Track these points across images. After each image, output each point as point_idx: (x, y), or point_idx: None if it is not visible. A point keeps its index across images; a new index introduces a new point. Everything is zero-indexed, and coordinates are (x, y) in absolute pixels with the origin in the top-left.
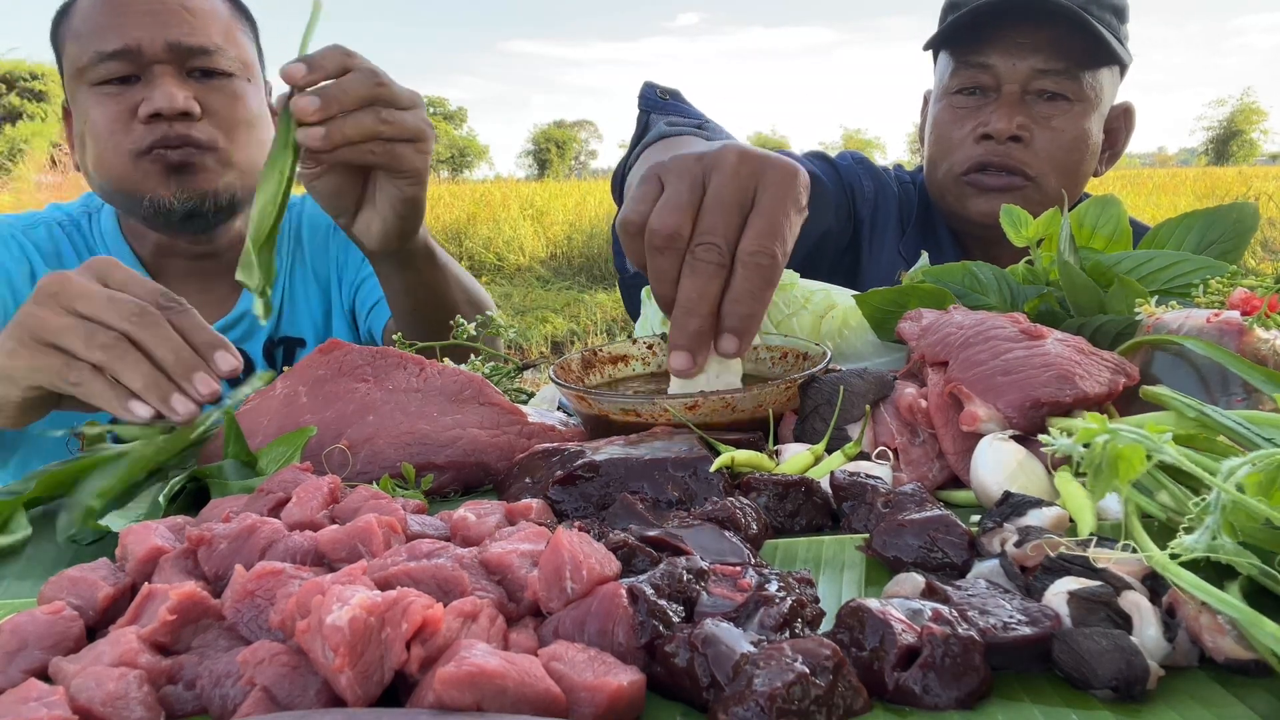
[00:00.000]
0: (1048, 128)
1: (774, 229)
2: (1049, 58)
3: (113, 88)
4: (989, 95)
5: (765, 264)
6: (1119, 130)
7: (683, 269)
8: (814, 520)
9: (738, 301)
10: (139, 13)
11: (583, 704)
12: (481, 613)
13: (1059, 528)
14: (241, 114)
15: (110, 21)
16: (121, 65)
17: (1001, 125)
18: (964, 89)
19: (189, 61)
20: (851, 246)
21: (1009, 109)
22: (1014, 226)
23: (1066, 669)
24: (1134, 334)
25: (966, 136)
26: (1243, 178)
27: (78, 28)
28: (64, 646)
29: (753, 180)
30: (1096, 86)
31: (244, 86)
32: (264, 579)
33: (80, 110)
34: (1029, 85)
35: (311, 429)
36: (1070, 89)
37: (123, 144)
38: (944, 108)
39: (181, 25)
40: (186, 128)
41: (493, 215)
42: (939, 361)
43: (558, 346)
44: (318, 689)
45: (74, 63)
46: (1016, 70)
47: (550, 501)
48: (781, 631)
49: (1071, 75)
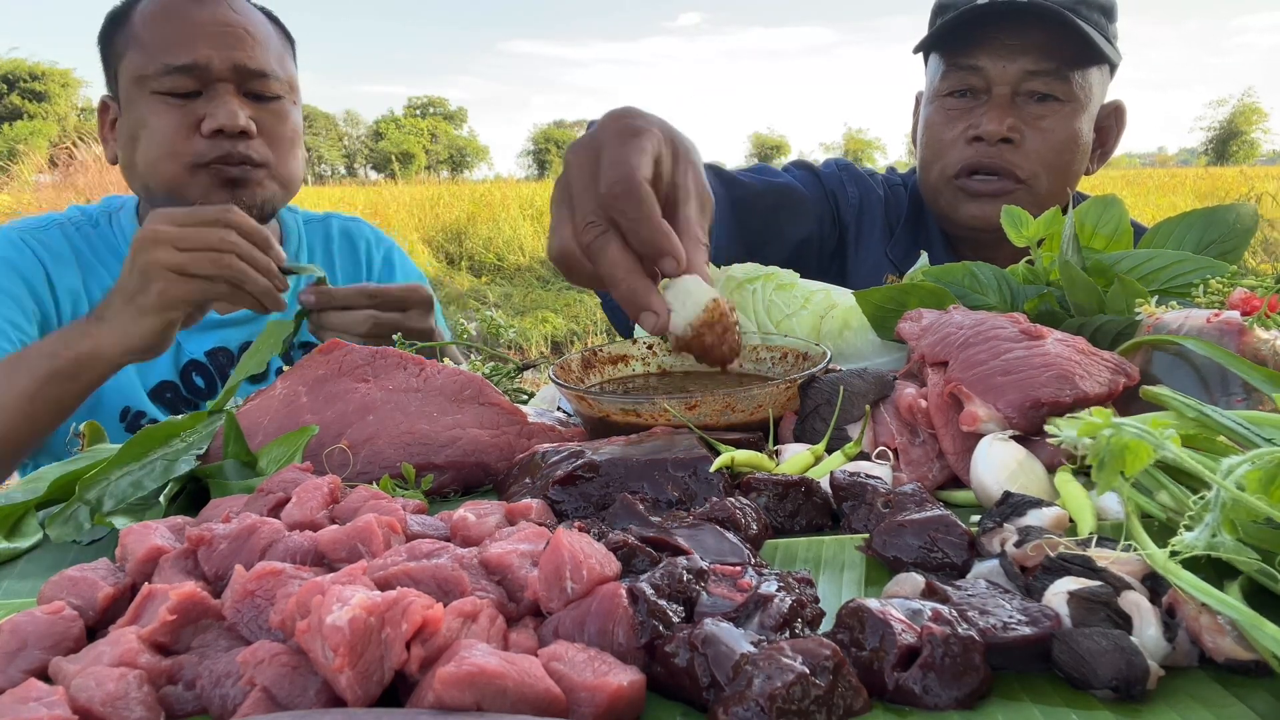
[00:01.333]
0: (1038, 129)
1: (614, 167)
2: (1038, 59)
3: (175, 99)
4: (979, 97)
5: (619, 192)
6: (1110, 129)
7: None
8: (814, 520)
9: (636, 236)
10: (208, 32)
11: (583, 704)
12: (481, 613)
13: (1059, 528)
14: (288, 133)
15: (179, 36)
16: (187, 80)
17: (992, 127)
18: (954, 91)
19: (248, 83)
20: (838, 252)
21: (1000, 111)
22: (1015, 227)
23: (1066, 669)
24: (1134, 334)
25: (958, 138)
26: (1245, 178)
27: (141, 35)
28: (64, 646)
29: (592, 153)
30: (1086, 86)
31: (289, 107)
32: (264, 579)
33: (135, 114)
34: (1019, 87)
35: (313, 428)
36: (1060, 90)
37: (182, 154)
38: (935, 110)
39: (245, 48)
40: (245, 146)
41: (493, 215)
42: (939, 361)
43: (558, 346)
44: (318, 689)
45: (136, 69)
46: (1006, 72)
47: (550, 501)
48: (781, 631)
49: (1061, 76)
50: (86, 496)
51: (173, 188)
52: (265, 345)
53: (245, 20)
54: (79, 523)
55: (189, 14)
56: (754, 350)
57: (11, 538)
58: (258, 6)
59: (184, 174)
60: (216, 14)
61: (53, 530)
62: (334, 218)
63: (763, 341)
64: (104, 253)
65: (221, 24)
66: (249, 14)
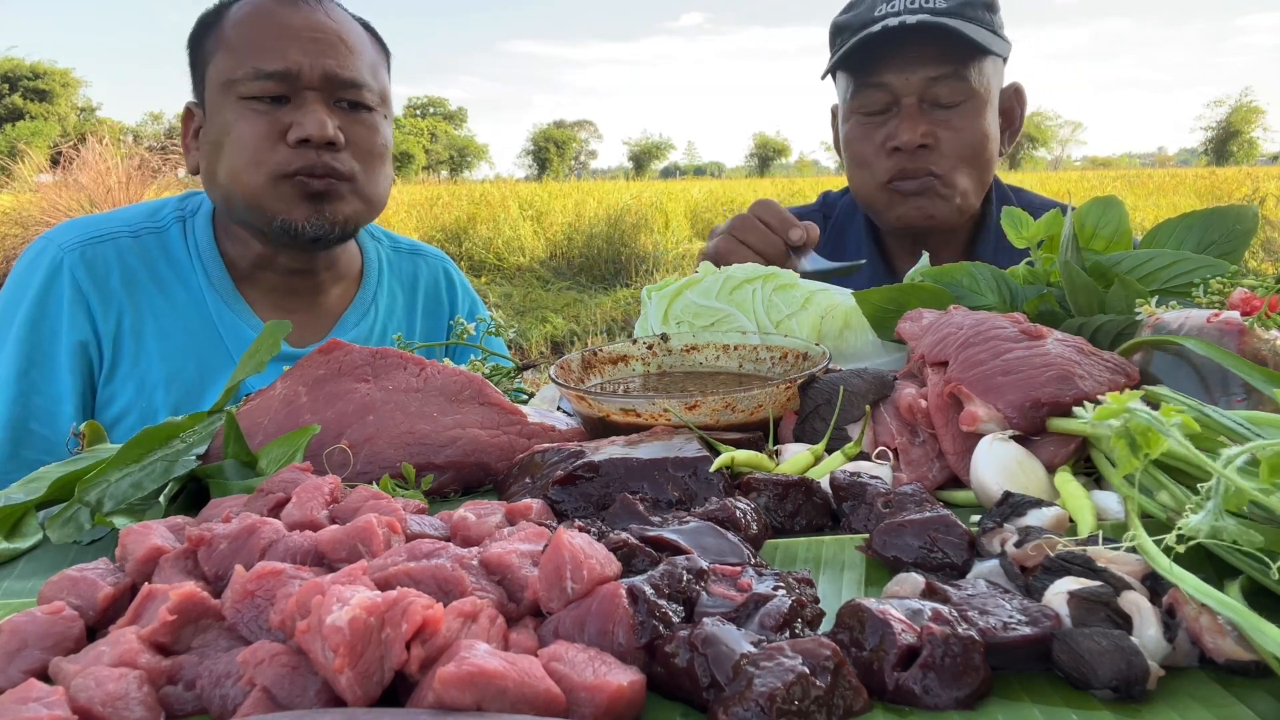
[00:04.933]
0: (950, 129)
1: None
2: (937, 65)
3: (263, 105)
4: (890, 110)
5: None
6: (1013, 109)
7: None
8: (814, 520)
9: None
10: (301, 38)
11: (583, 704)
12: (481, 613)
13: (1059, 528)
14: (378, 147)
15: (271, 41)
16: (276, 85)
17: (908, 137)
18: (865, 109)
19: (338, 92)
20: None
21: (912, 121)
22: (1014, 228)
23: (1066, 669)
24: (1134, 334)
25: (878, 150)
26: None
27: (231, 39)
28: (64, 646)
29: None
30: (983, 80)
31: (380, 120)
32: (264, 579)
33: (220, 120)
34: (924, 94)
35: (314, 428)
36: (962, 90)
37: (266, 163)
38: (852, 126)
39: (338, 56)
40: (332, 157)
41: (493, 215)
42: (939, 361)
43: (558, 346)
44: (318, 689)
45: (224, 73)
46: (910, 83)
47: (550, 502)
48: (781, 631)
49: (960, 77)
50: (86, 497)
51: (254, 198)
52: (263, 346)
53: (339, 27)
54: (79, 524)
55: (282, 18)
56: (754, 350)
57: (11, 538)
58: (355, 16)
59: (267, 184)
60: (311, 20)
61: (53, 532)
62: (423, 258)
63: (763, 341)
64: (162, 268)
65: (315, 30)
66: (344, 21)
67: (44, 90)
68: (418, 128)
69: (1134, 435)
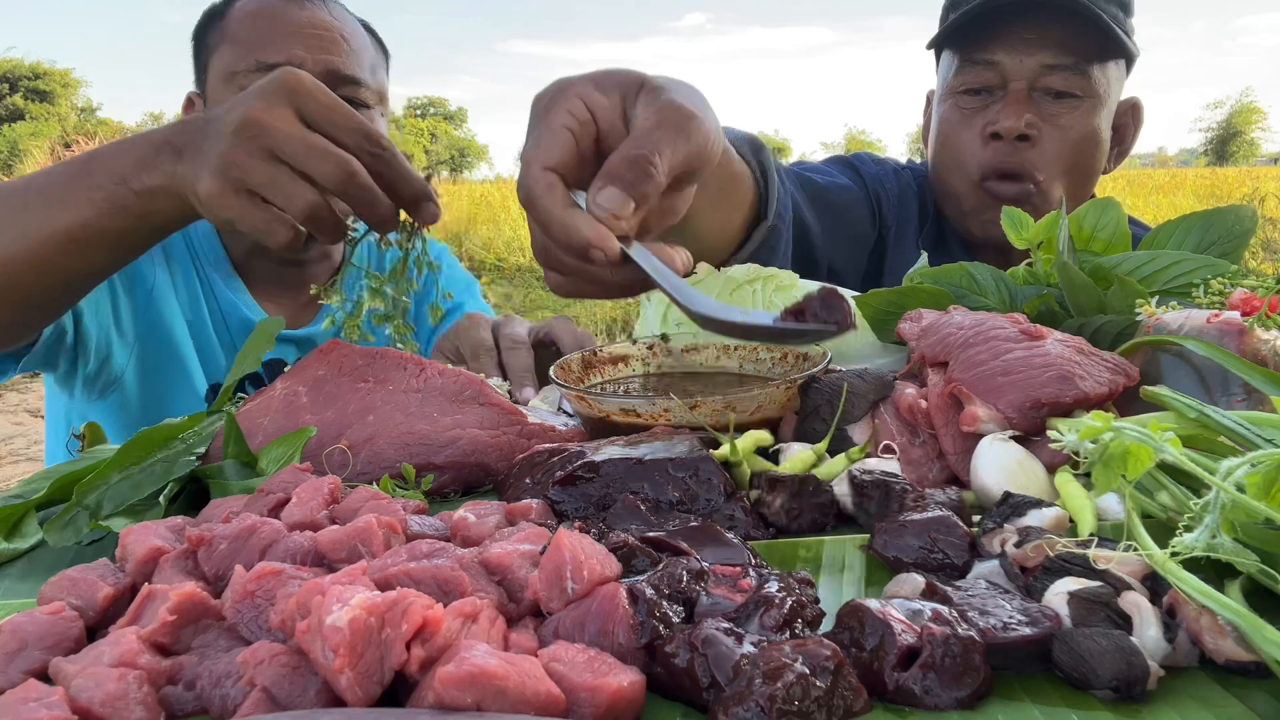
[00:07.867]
0: (1057, 126)
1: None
2: (1057, 53)
3: None
4: (995, 94)
5: (522, 198)
6: (1127, 126)
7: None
8: (814, 520)
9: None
10: (304, 34)
11: (582, 705)
12: (481, 613)
13: (1059, 528)
14: None
15: (273, 35)
16: None
17: (1009, 123)
18: (969, 88)
19: (338, 88)
20: (876, 250)
21: (1017, 106)
22: (1015, 229)
23: (1066, 669)
24: (1134, 334)
25: (974, 137)
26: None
27: (235, 32)
28: (64, 647)
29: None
30: (1105, 82)
31: (377, 118)
32: (264, 579)
33: None
34: (1036, 82)
35: (311, 429)
36: (1079, 85)
37: None
38: (949, 107)
39: (339, 53)
40: None
41: (493, 216)
42: (939, 362)
43: None
44: (318, 689)
45: (227, 65)
46: (1023, 66)
47: (550, 502)
48: (782, 632)
49: (1080, 70)
50: (85, 500)
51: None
52: (258, 343)
53: (342, 26)
54: (78, 527)
55: (286, 14)
56: (754, 350)
57: (11, 538)
58: (356, 16)
59: None
60: (314, 17)
61: (51, 536)
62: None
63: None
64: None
65: (318, 27)
66: (346, 20)
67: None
68: (418, 128)
69: (1113, 458)
